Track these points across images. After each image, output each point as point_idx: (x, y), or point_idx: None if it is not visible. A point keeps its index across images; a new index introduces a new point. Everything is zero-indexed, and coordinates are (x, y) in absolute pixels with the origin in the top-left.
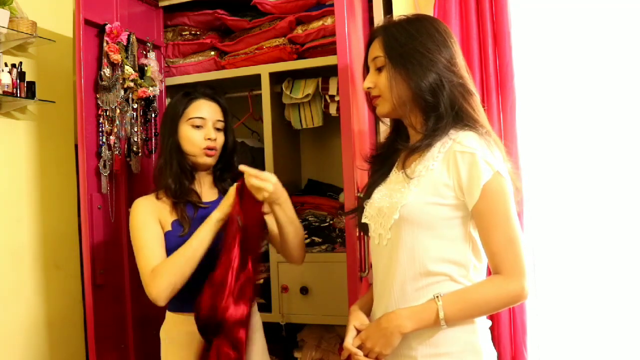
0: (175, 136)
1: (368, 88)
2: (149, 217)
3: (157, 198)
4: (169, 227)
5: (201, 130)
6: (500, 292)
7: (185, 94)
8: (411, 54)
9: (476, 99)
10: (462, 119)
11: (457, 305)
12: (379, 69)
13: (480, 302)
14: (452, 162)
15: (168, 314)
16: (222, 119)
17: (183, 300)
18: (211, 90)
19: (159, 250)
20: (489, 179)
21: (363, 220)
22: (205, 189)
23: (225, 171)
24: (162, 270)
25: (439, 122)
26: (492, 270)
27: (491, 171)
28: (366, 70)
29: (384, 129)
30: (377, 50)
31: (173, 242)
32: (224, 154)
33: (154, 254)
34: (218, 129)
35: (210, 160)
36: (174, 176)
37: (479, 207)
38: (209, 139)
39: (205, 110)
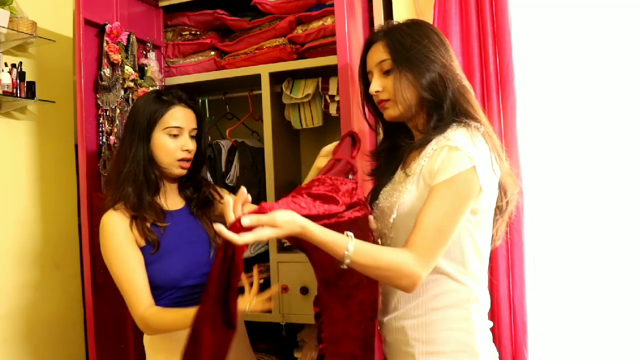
0: (147, 144)
1: (376, 91)
2: (124, 238)
3: (115, 209)
4: (143, 243)
5: (177, 139)
6: (400, 265)
7: (159, 98)
8: (416, 57)
9: (472, 93)
10: (460, 115)
11: (364, 247)
12: (386, 72)
13: (382, 261)
14: (437, 154)
15: None
16: (196, 126)
17: (178, 303)
18: (186, 95)
19: (142, 282)
20: (461, 172)
21: None
22: (171, 197)
23: (189, 179)
24: (153, 326)
25: (440, 122)
26: (405, 243)
27: (469, 164)
28: (362, 74)
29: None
30: (381, 53)
31: (148, 259)
32: (194, 162)
33: (140, 289)
34: (192, 137)
35: (183, 172)
36: (135, 187)
37: (436, 187)
38: (186, 150)
39: (182, 119)
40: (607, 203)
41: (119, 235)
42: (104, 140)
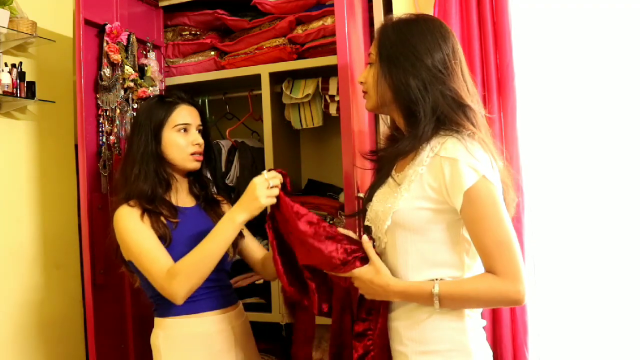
0: (155, 144)
1: (360, 82)
2: (140, 222)
3: (129, 205)
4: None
5: (187, 135)
6: (495, 292)
7: (162, 101)
8: (397, 56)
9: (468, 111)
10: (446, 123)
11: (451, 289)
12: (371, 65)
13: (473, 295)
14: (438, 167)
15: (167, 320)
16: (201, 122)
17: (188, 302)
18: (187, 95)
19: (163, 250)
20: (474, 184)
21: (365, 223)
22: (182, 196)
23: (198, 176)
24: (180, 272)
25: (417, 126)
26: (487, 271)
27: (476, 176)
28: None
29: (384, 129)
30: (373, 46)
31: None
32: (203, 157)
33: (161, 255)
34: (198, 132)
35: (198, 165)
36: (149, 184)
37: (467, 211)
38: (197, 144)
39: (189, 116)
40: (607, 203)
41: (135, 219)
42: (104, 140)
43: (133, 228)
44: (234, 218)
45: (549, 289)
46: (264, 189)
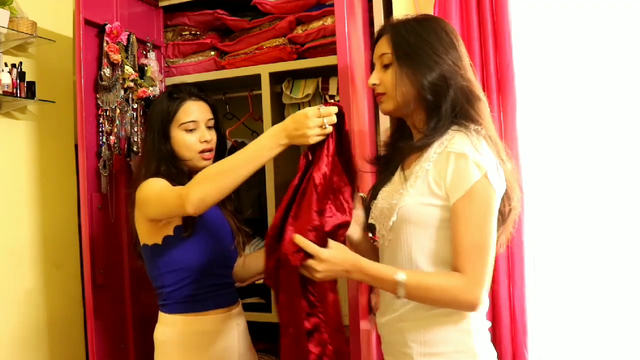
0: (166, 142)
1: (373, 85)
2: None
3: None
4: (170, 232)
5: (195, 132)
6: (456, 292)
7: (170, 96)
8: (418, 54)
9: (481, 104)
10: (459, 117)
11: (417, 280)
12: (386, 66)
13: (436, 289)
14: (444, 162)
15: (173, 317)
16: (212, 117)
17: (197, 299)
18: (196, 89)
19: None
20: (475, 182)
21: (369, 221)
22: None
23: None
24: (200, 176)
25: (439, 123)
26: (453, 270)
27: (479, 174)
28: (372, 67)
29: (384, 129)
30: (384, 47)
31: (179, 240)
32: (217, 151)
33: (175, 187)
34: (209, 127)
35: (208, 164)
36: (173, 178)
37: (457, 205)
38: (205, 141)
39: (196, 112)
40: (607, 203)
41: (162, 181)
42: (104, 140)
43: (158, 183)
44: (278, 139)
45: (549, 289)
46: (317, 127)
